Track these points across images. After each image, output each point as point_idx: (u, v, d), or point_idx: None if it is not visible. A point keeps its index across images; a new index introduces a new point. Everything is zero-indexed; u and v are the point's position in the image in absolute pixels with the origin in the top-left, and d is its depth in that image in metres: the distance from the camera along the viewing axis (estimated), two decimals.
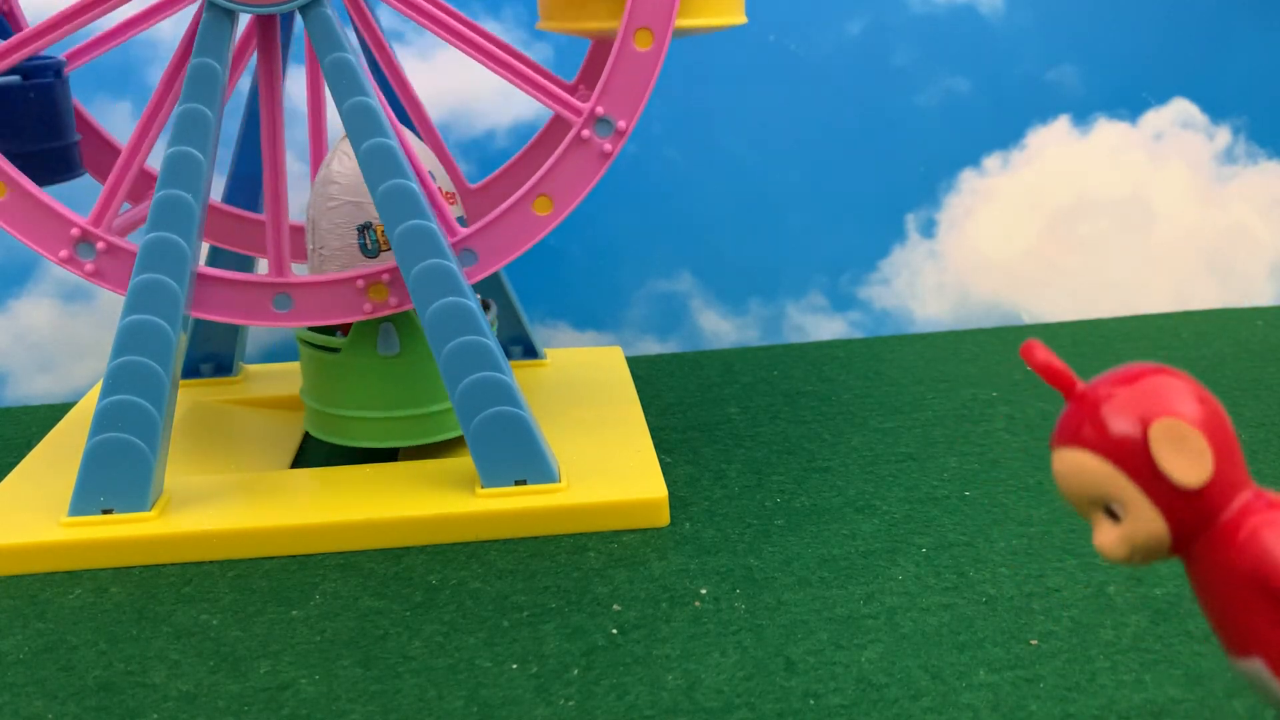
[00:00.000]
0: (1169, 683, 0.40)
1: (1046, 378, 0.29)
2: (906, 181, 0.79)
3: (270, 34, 0.51)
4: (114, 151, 0.60)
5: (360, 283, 0.52)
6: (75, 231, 0.51)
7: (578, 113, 0.51)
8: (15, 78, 0.53)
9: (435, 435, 0.57)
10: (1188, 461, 0.28)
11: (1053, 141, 0.81)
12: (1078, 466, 0.29)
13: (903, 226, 0.80)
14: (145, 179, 0.60)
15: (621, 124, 0.51)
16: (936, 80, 0.79)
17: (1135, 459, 0.28)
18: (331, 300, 0.53)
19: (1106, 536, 0.29)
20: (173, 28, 0.59)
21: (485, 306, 0.60)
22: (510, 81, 0.52)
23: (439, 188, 0.54)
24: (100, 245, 0.51)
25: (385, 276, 0.52)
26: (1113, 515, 0.29)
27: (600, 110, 0.50)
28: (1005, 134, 0.80)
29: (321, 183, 0.55)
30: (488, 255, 0.52)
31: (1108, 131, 0.81)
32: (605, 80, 0.50)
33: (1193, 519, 0.28)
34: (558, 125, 0.63)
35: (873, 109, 0.78)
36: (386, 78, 0.58)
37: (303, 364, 0.58)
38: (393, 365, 0.56)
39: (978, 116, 0.79)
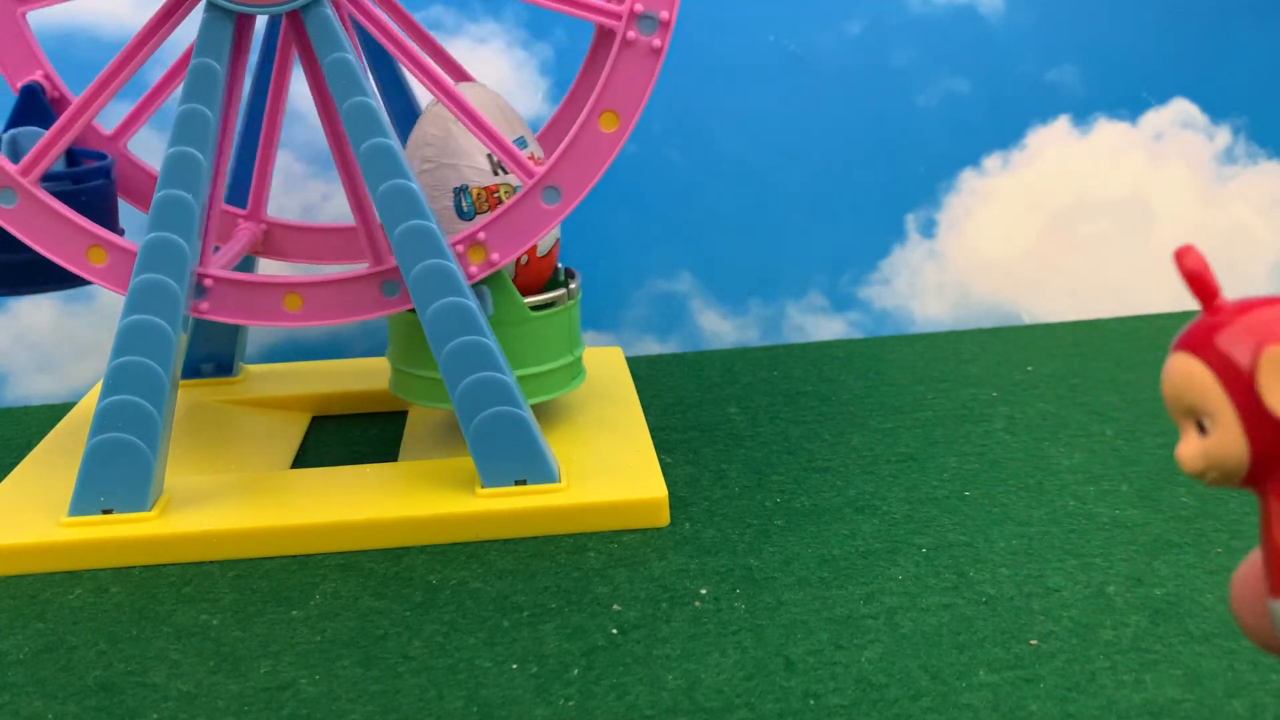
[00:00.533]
0: (1169, 683, 0.40)
1: (1192, 285, 0.30)
2: (906, 181, 0.79)
3: (304, 35, 0.51)
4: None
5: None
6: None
7: (616, 16, 0.50)
8: (68, 183, 0.54)
9: (527, 399, 0.55)
10: None
11: (1053, 141, 0.81)
12: (1185, 372, 0.29)
13: (903, 226, 0.80)
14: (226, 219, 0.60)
15: (664, 14, 0.50)
16: (936, 80, 0.79)
17: (1240, 379, 0.28)
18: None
19: (1189, 448, 0.29)
20: (186, 35, 0.59)
21: (571, 275, 0.59)
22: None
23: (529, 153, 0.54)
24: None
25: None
26: (1201, 429, 0.29)
27: (639, 8, 0.50)
28: (1005, 134, 0.80)
29: (415, 146, 0.55)
30: (570, 188, 0.52)
31: (1108, 131, 0.81)
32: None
33: (1276, 452, 0.28)
34: (601, 43, 0.61)
35: (873, 109, 0.78)
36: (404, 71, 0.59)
37: (391, 328, 0.58)
38: (496, 331, 0.54)
39: (978, 116, 0.79)
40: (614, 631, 0.44)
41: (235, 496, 0.53)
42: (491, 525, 0.51)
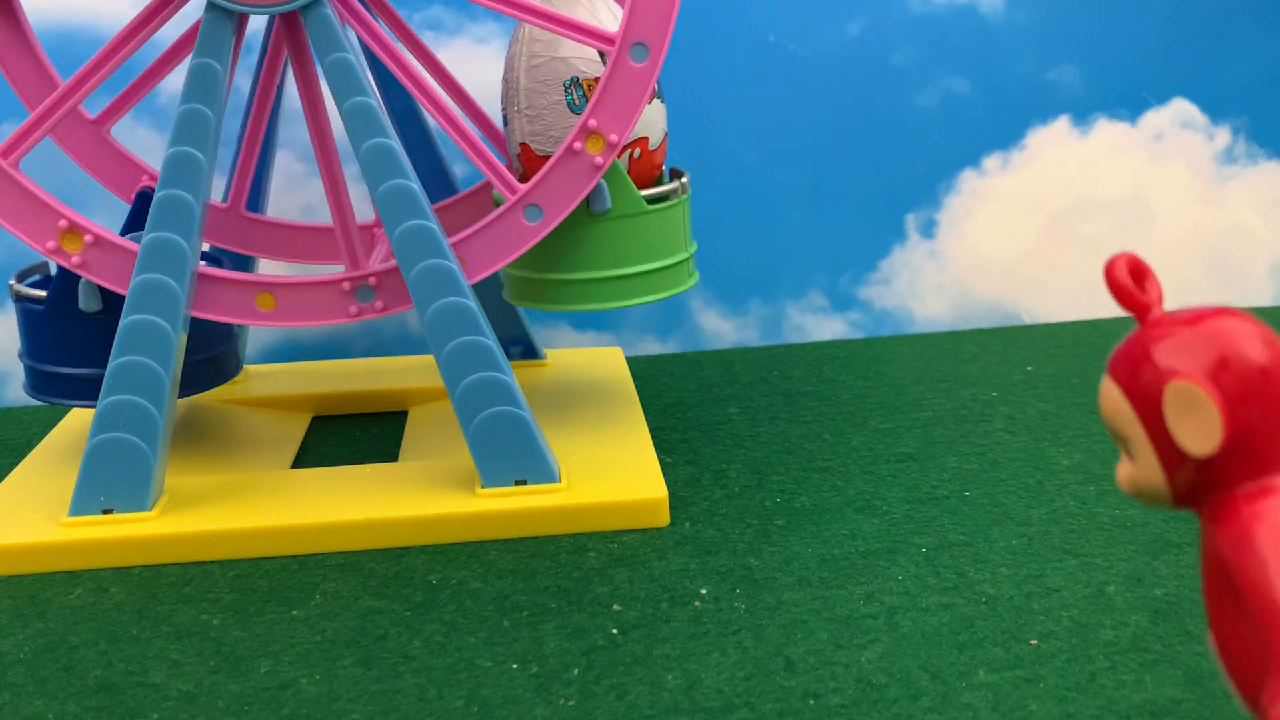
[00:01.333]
0: (1169, 683, 0.40)
1: (1119, 299, 0.28)
2: (906, 181, 0.79)
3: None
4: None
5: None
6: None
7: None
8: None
9: (646, 295, 0.56)
10: (1195, 429, 0.26)
11: (1053, 141, 0.81)
12: (1108, 397, 0.28)
13: (903, 226, 0.80)
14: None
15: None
16: (936, 80, 0.79)
17: (1151, 409, 0.27)
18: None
19: (1122, 471, 0.29)
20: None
21: (676, 174, 0.59)
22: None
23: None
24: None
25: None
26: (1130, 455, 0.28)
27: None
28: (1005, 134, 0.80)
29: (522, 43, 0.55)
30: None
31: (1108, 131, 0.81)
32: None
33: (1196, 483, 0.27)
34: None
35: (873, 109, 0.78)
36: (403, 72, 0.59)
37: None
38: (605, 224, 0.54)
39: (978, 116, 0.79)
40: (614, 631, 0.44)
41: (235, 496, 0.53)
42: (491, 525, 0.51)
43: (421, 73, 0.52)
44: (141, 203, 0.56)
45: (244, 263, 0.64)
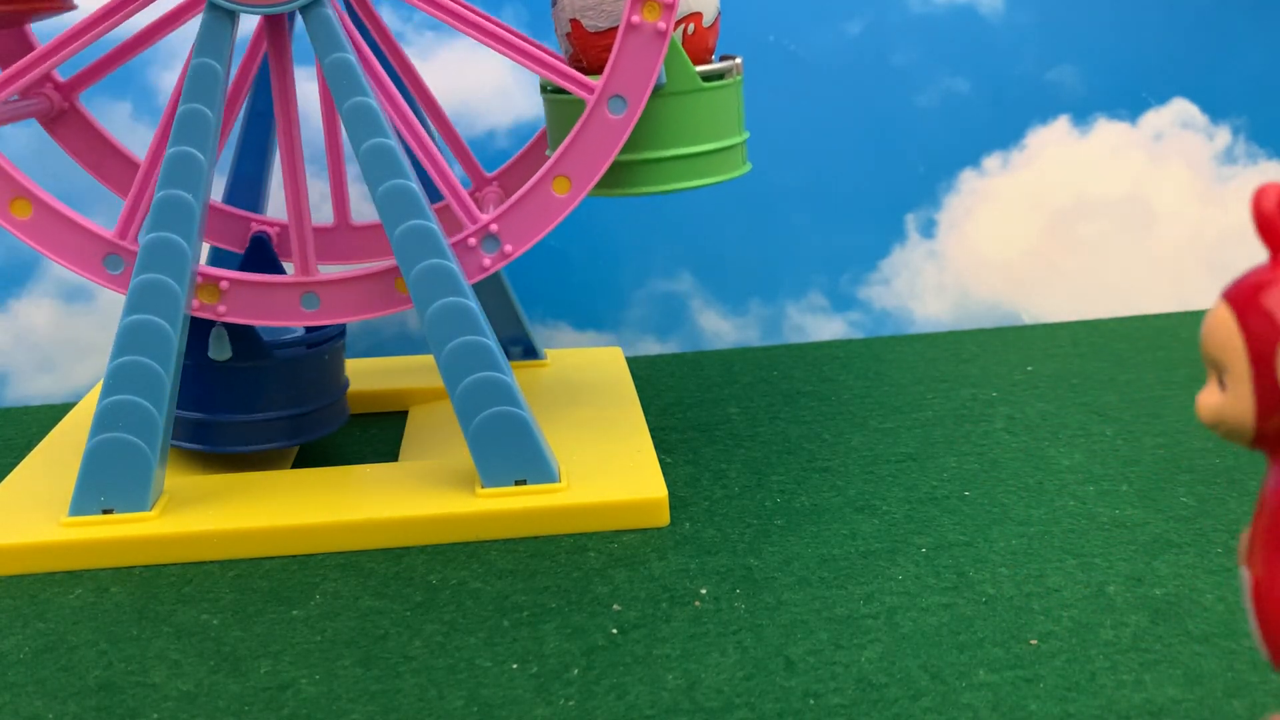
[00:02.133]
0: (1169, 683, 0.40)
1: (1261, 230, 0.29)
2: (906, 181, 0.79)
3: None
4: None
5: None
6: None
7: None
8: (302, 348, 0.57)
9: (699, 179, 0.54)
10: None
11: (1053, 141, 0.81)
12: (1219, 324, 0.28)
13: (903, 226, 0.80)
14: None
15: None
16: (936, 80, 0.79)
17: (1263, 345, 0.27)
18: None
19: (1208, 399, 0.28)
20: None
21: (728, 59, 0.57)
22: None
23: None
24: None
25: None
26: (1223, 383, 0.28)
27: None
28: (1005, 134, 0.80)
29: None
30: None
31: (1108, 131, 0.81)
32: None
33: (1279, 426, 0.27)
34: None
35: (873, 109, 0.78)
36: (398, 74, 0.59)
37: (554, 120, 0.55)
38: (657, 102, 0.52)
39: (978, 116, 0.79)
40: (614, 631, 0.44)
41: (235, 496, 0.53)
42: (491, 525, 0.51)
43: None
44: (256, 247, 0.58)
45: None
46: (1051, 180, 0.81)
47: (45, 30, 0.60)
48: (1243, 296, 0.28)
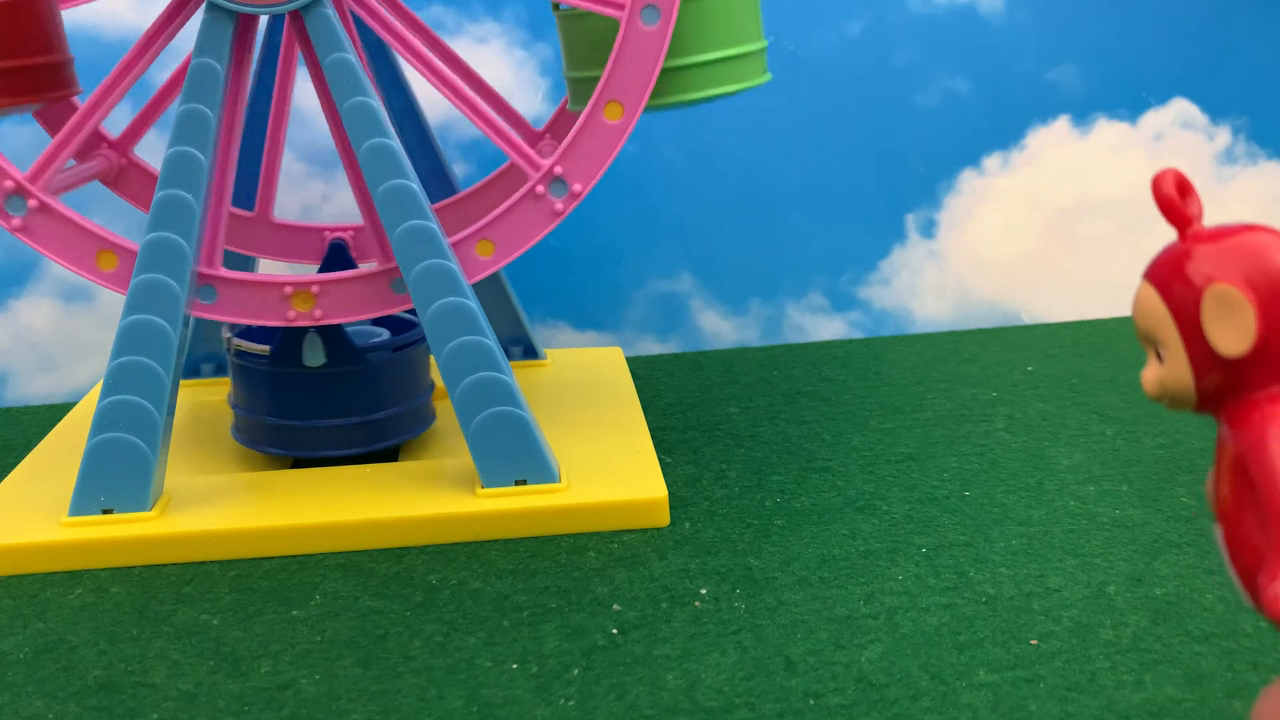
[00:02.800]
0: (1169, 683, 0.40)
1: (1165, 213, 0.30)
2: (906, 181, 0.79)
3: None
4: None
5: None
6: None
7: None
8: (388, 351, 0.57)
9: (719, 86, 0.53)
10: (1230, 331, 0.28)
11: (1053, 141, 0.81)
12: (1145, 301, 0.30)
13: (903, 226, 0.80)
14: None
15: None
16: (936, 80, 0.79)
17: (1187, 312, 0.29)
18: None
19: (1149, 374, 0.30)
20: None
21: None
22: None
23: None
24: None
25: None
26: (1160, 357, 0.30)
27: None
28: (1005, 134, 0.80)
29: None
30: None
31: (1108, 131, 0.81)
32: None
33: (1222, 384, 0.29)
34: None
35: (873, 109, 0.78)
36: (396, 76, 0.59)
37: (569, 38, 0.54)
38: (689, 7, 0.51)
39: (978, 116, 0.79)
40: (614, 631, 0.44)
41: (235, 496, 0.53)
42: (491, 525, 0.51)
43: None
44: (335, 253, 0.58)
45: (245, 263, 0.64)
46: (1051, 180, 0.81)
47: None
48: (1162, 271, 0.30)
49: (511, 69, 0.74)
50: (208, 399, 0.66)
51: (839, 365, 0.72)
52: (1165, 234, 0.31)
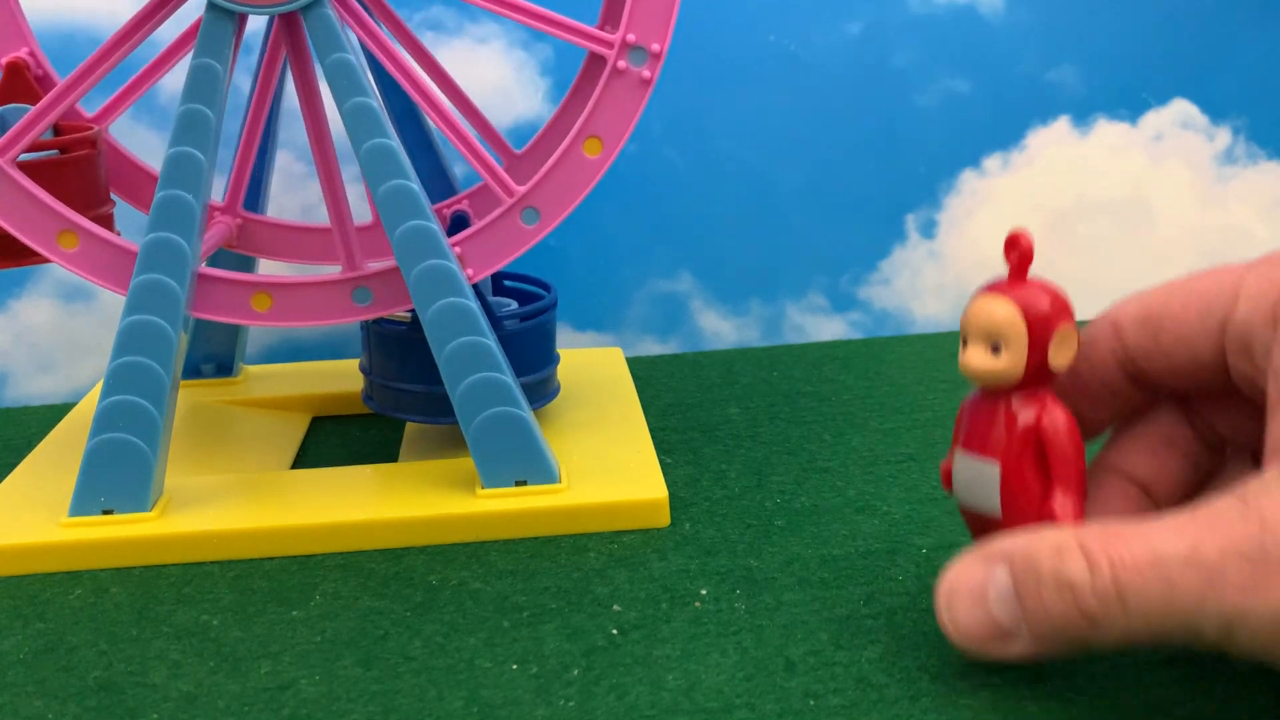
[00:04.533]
0: (1169, 683, 0.40)
1: (1021, 262, 0.40)
2: (906, 181, 0.79)
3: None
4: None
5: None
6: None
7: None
8: (516, 321, 0.57)
9: None
10: (1066, 354, 0.40)
11: (1053, 142, 0.81)
12: (1007, 314, 0.39)
13: (903, 226, 0.80)
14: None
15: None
16: (936, 80, 0.79)
17: (1041, 335, 0.39)
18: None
19: (983, 360, 0.40)
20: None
21: None
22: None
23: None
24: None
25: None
26: (995, 351, 0.40)
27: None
28: (1005, 134, 0.80)
29: None
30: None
31: (1108, 132, 0.81)
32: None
33: (1034, 377, 0.40)
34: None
35: (873, 109, 0.78)
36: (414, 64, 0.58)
37: None
38: None
39: (978, 117, 0.79)
40: (614, 631, 0.44)
41: (235, 496, 0.53)
42: (491, 525, 0.51)
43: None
44: (458, 224, 0.57)
45: (245, 263, 0.64)
46: (1051, 180, 0.81)
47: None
48: (1026, 301, 0.39)
49: (512, 69, 0.74)
50: (208, 399, 0.66)
51: (839, 365, 0.72)
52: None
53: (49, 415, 0.68)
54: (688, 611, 0.45)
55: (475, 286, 0.53)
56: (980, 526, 0.42)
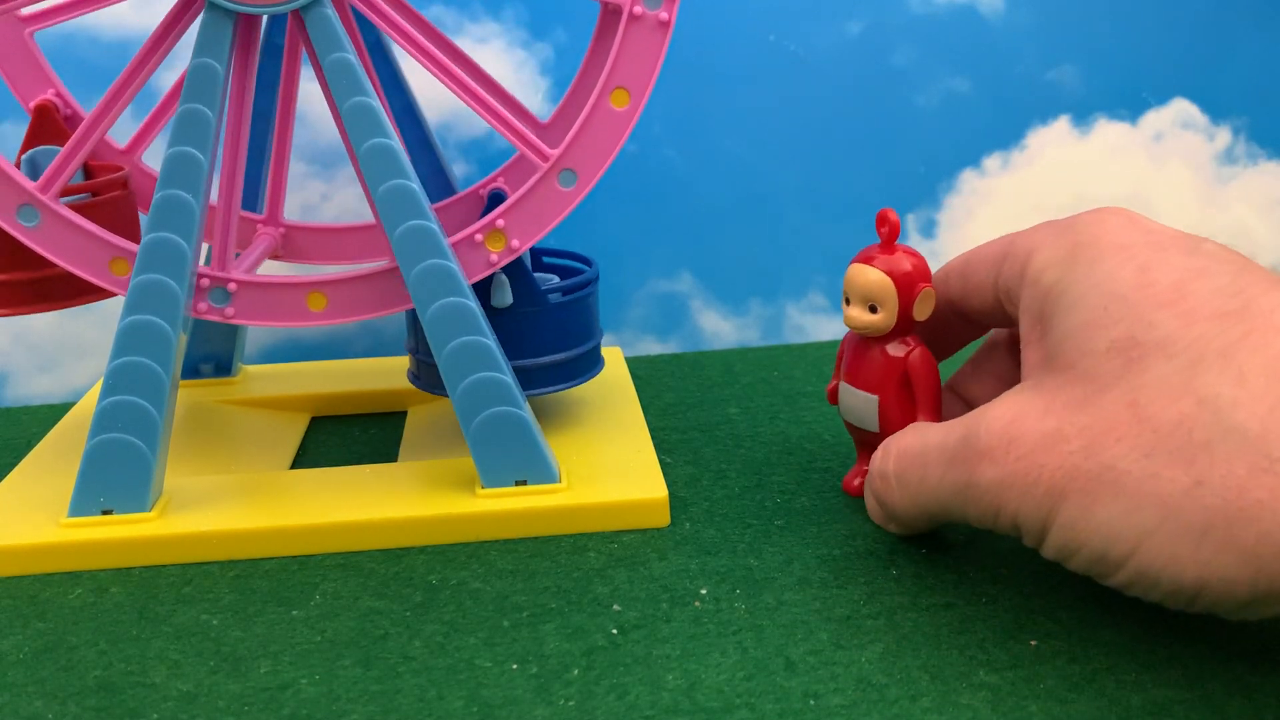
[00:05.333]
0: (1169, 683, 0.40)
1: (890, 236, 0.50)
2: (906, 181, 0.79)
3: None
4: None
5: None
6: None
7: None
8: (558, 294, 0.57)
9: None
10: (926, 309, 0.50)
11: (1053, 141, 0.81)
12: (881, 280, 0.49)
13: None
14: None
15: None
16: (936, 80, 0.79)
17: (908, 296, 0.50)
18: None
19: (864, 317, 0.50)
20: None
21: None
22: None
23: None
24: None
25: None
26: (873, 310, 0.50)
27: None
28: (1005, 134, 0.80)
29: None
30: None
31: (1108, 131, 0.81)
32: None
33: (902, 327, 0.50)
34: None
35: (873, 109, 0.78)
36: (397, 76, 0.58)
37: None
38: None
39: (978, 117, 0.79)
40: (614, 631, 0.44)
41: (235, 497, 0.53)
42: (492, 525, 0.51)
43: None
44: (494, 202, 0.57)
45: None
46: (1051, 180, 0.81)
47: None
48: (892, 269, 0.49)
49: (511, 69, 0.74)
50: (208, 399, 0.66)
51: None
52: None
53: (49, 415, 0.68)
54: (688, 611, 0.45)
55: (518, 260, 0.53)
56: (861, 439, 0.54)
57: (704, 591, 0.46)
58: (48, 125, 0.55)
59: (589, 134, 0.51)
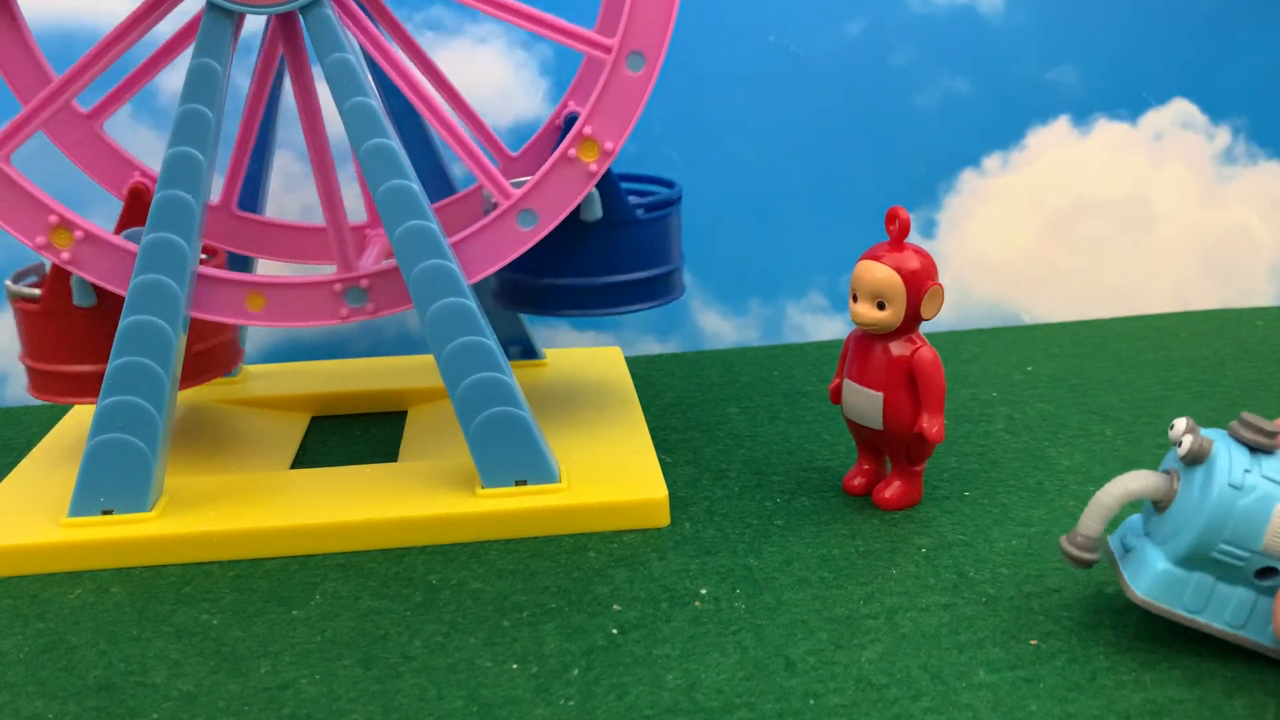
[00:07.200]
0: (1169, 683, 0.40)
1: (900, 233, 0.50)
2: (906, 181, 0.79)
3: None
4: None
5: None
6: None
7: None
8: (639, 210, 0.58)
9: None
10: (935, 308, 0.51)
11: (1053, 141, 0.81)
12: (890, 278, 0.50)
13: None
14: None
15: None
16: (936, 80, 0.79)
17: (916, 293, 0.50)
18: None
19: (874, 313, 0.50)
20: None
21: None
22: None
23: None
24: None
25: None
26: (880, 307, 0.50)
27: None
28: (1005, 134, 0.80)
29: None
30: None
31: (1108, 131, 0.81)
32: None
33: (909, 325, 0.51)
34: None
35: (873, 109, 0.78)
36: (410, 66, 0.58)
37: None
38: None
39: (978, 116, 0.79)
40: (614, 631, 0.44)
41: (235, 496, 0.53)
42: (492, 525, 0.51)
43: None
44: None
45: (243, 262, 0.64)
46: (1051, 180, 0.81)
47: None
48: (902, 266, 0.50)
49: (512, 69, 0.74)
50: (208, 399, 0.66)
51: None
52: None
53: (49, 415, 0.68)
54: (688, 611, 0.45)
55: (607, 175, 0.54)
56: (864, 436, 0.54)
57: (704, 591, 0.46)
58: (139, 206, 0.55)
59: (639, 14, 0.50)
